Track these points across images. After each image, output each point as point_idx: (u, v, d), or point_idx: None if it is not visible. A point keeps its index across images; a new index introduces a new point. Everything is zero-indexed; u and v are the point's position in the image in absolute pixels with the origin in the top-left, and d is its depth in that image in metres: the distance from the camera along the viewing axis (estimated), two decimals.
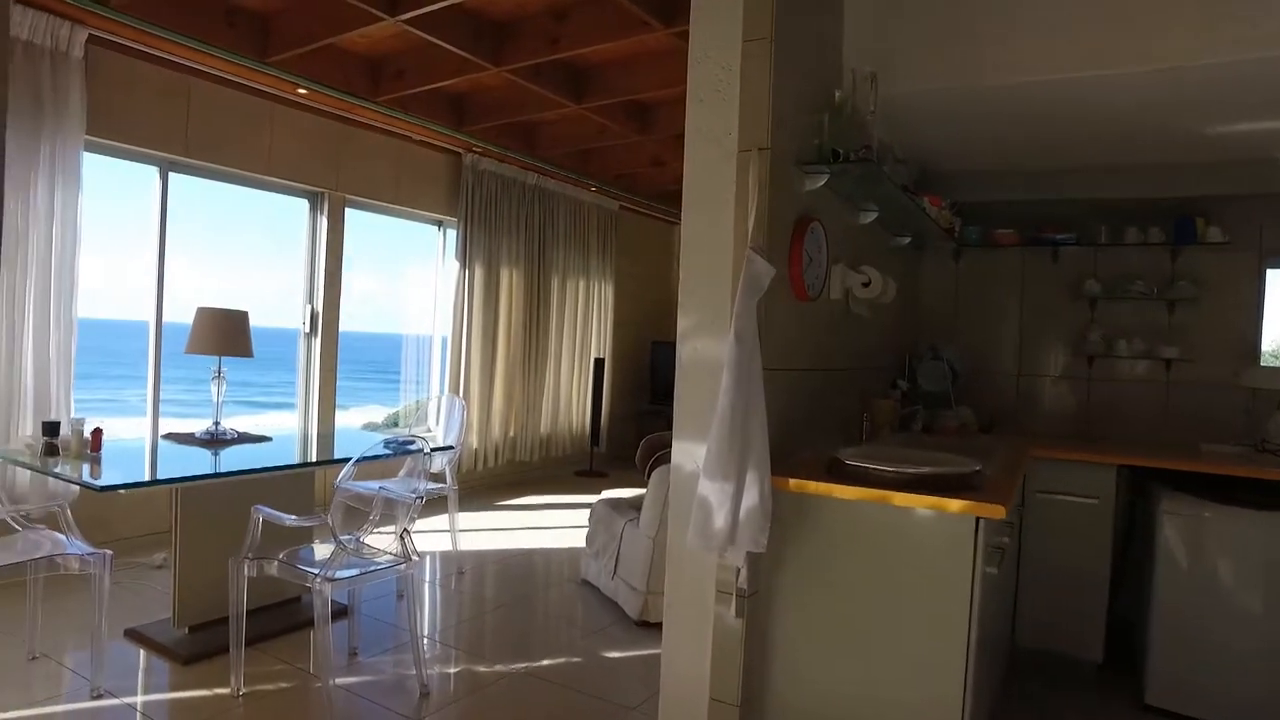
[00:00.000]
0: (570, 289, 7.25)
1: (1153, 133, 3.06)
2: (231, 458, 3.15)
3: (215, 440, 3.36)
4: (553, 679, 2.94)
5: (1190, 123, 2.93)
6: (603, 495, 4.17)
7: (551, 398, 7.10)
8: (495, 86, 4.87)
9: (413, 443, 3.13)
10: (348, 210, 5.39)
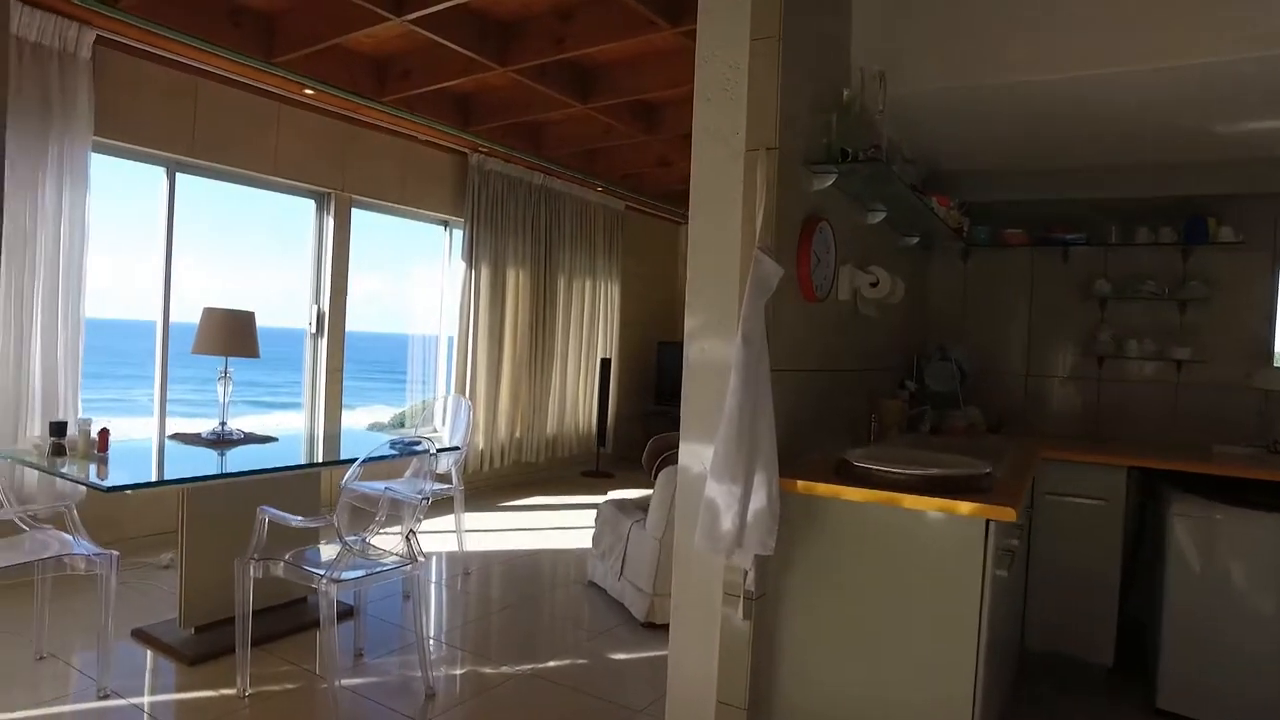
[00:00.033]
0: (576, 289, 7.24)
1: (1164, 132, 3.03)
2: (238, 458, 3.15)
3: (221, 440, 3.36)
4: (559, 681, 2.93)
5: (1201, 121, 2.90)
6: (609, 496, 4.16)
7: (557, 398, 7.09)
8: (501, 86, 4.86)
9: (419, 443, 3.12)
10: (354, 210, 5.39)
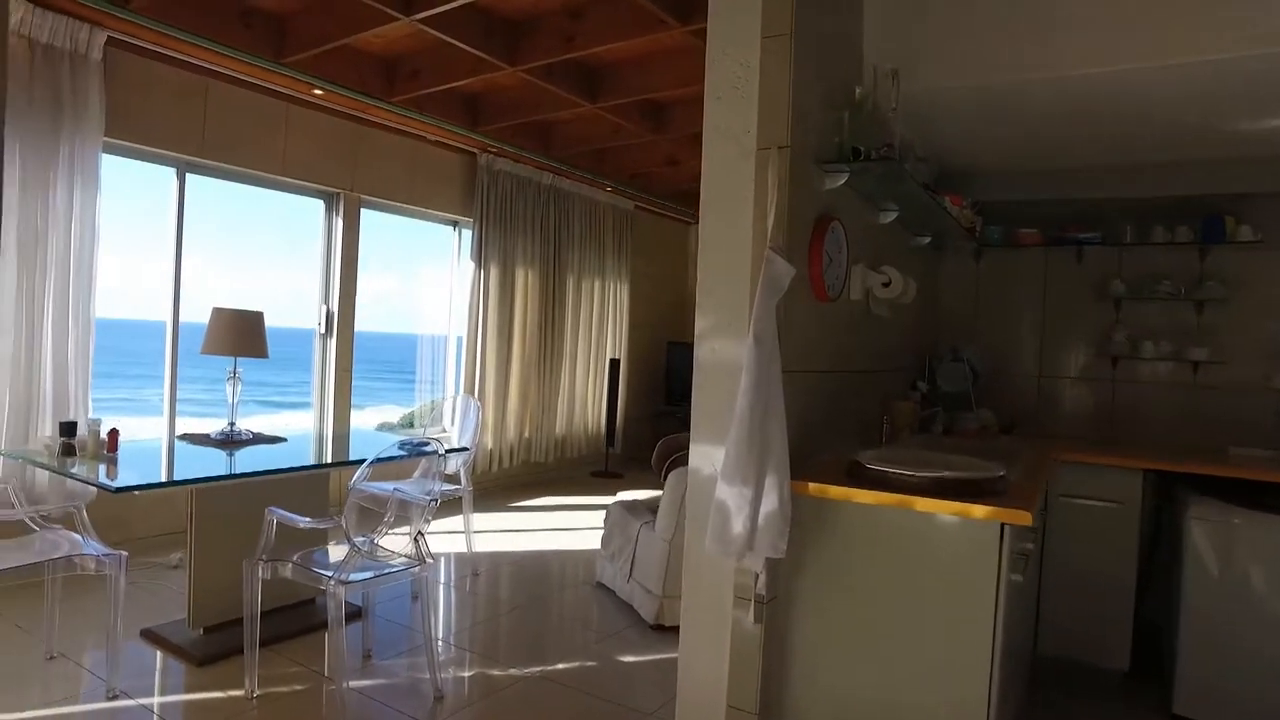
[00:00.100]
0: (585, 289, 7.23)
1: (1178, 129, 2.99)
2: (247, 458, 3.15)
3: (230, 441, 3.36)
4: (567, 683, 2.92)
5: (1214, 119, 2.86)
6: (618, 497, 4.14)
7: (566, 398, 7.08)
8: (510, 86, 4.85)
9: (428, 444, 3.11)
10: (363, 210, 5.39)
